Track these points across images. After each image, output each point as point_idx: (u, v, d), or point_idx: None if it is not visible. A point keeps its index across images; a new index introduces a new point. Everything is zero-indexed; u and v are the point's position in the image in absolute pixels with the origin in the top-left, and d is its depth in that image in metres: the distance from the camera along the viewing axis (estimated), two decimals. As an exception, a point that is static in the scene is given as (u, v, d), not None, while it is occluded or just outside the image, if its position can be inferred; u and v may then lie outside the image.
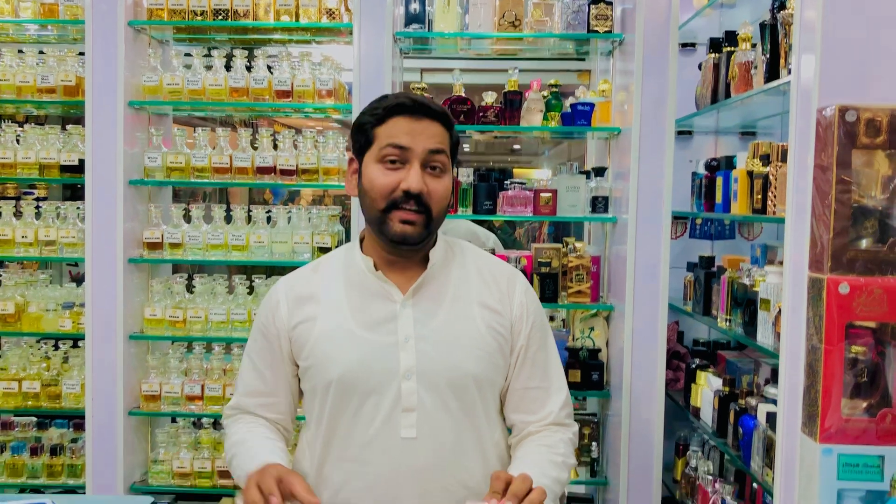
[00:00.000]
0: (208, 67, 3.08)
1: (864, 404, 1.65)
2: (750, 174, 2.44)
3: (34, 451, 3.10)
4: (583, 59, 4.12)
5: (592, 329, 3.21)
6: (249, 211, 3.16)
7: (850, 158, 1.62)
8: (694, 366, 3.02)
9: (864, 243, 1.63)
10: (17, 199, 3.22)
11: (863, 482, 1.64)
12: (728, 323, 2.72)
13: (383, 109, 1.52)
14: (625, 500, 2.94)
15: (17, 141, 3.17)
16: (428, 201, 1.49)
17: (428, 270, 1.56)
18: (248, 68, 3.08)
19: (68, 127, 3.19)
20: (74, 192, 4.37)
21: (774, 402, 2.26)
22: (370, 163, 1.52)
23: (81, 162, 3.06)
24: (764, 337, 2.31)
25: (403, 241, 1.50)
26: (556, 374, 1.65)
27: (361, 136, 1.55)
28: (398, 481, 1.49)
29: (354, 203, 2.95)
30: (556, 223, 5.83)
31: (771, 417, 2.23)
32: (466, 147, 11.61)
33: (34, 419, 3.27)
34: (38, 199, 3.20)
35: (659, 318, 2.89)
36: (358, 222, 2.94)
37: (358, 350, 1.51)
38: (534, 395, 1.61)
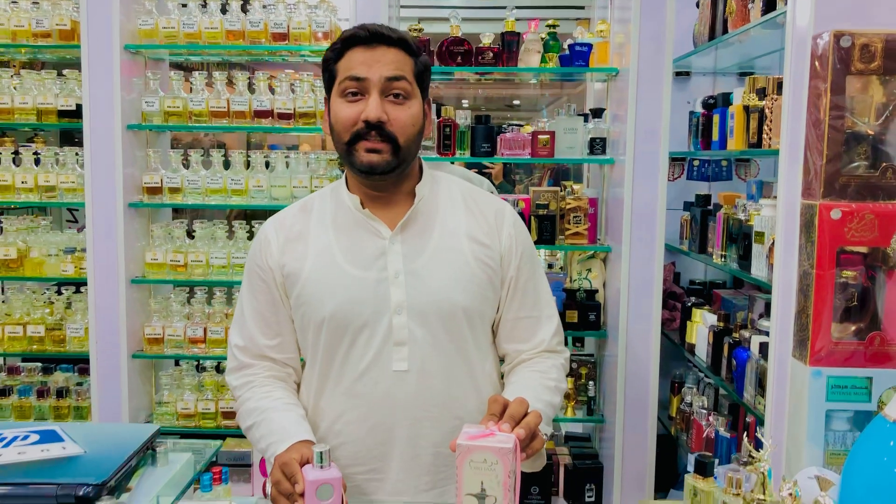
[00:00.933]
0: (204, 10, 3.06)
1: (854, 328, 1.69)
2: (746, 109, 2.44)
3: (41, 394, 3.16)
4: (582, 8, 4.10)
5: (590, 270, 3.25)
6: (248, 156, 3.16)
7: (844, 84, 1.63)
8: (690, 304, 3.07)
9: (857, 169, 1.65)
10: (16, 153, 3.22)
11: (851, 403, 1.68)
12: (723, 259, 2.74)
13: (341, 42, 1.51)
14: (621, 438, 3.00)
15: (14, 88, 3.17)
16: (391, 129, 1.48)
17: (415, 206, 1.57)
18: (244, 11, 3.06)
19: (65, 72, 3.18)
20: (71, 141, 4.37)
21: (767, 333, 2.28)
22: (334, 98, 1.52)
23: (79, 107, 3.07)
24: (758, 269, 2.33)
25: (371, 171, 1.50)
26: (547, 303, 1.66)
27: (326, 72, 1.55)
28: (390, 412, 1.53)
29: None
30: (556, 177, 5.84)
31: (764, 348, 2.27)
32: (465, 102, 11.55)
33: (39, 365, 3.33)
34: (36, 153, 3.20)
35: (655, 259, 2.92)
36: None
37: (349, 287, 1.52)
38: (525, 324, 1.63)
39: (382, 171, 1.50)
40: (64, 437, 1.54)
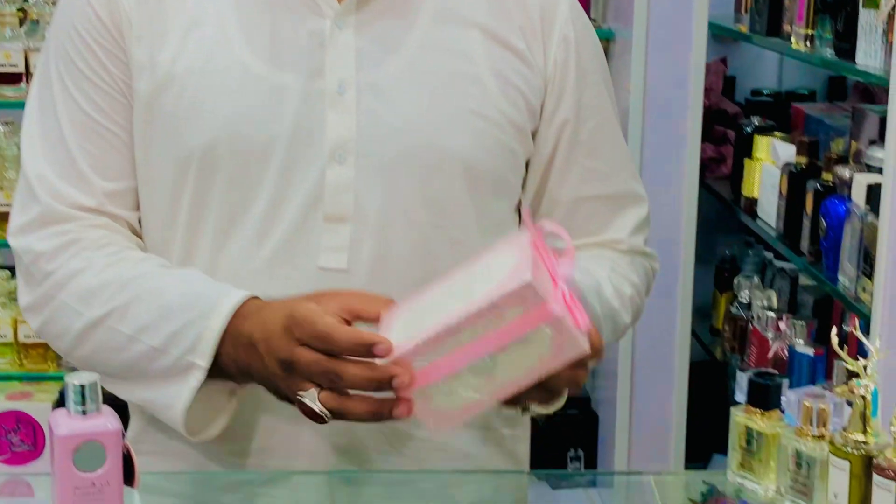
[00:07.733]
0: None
1: None
2: None
3: None
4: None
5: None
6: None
7: None
8: (750, 129, 2.37)
9: None
10: None
11: None
12: (808, 43, 2.15)
13: None
14: (628, 370, 2.20)
15: None
16: None
17: None
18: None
19: None
20: None
21: (881, 171, 1.77)
22: None
23: None
24: (868, 56, 1.86)
25: None
26: (630, 174, 1.10)
27: None
28: None
29: None
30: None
31: (874, 194, 1.79)
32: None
33: None
34: None
35: (693, 50, 2.11)
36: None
37: (247, 100, 0.94)
38: (590, 209, 1.06)
39: None
40: None
